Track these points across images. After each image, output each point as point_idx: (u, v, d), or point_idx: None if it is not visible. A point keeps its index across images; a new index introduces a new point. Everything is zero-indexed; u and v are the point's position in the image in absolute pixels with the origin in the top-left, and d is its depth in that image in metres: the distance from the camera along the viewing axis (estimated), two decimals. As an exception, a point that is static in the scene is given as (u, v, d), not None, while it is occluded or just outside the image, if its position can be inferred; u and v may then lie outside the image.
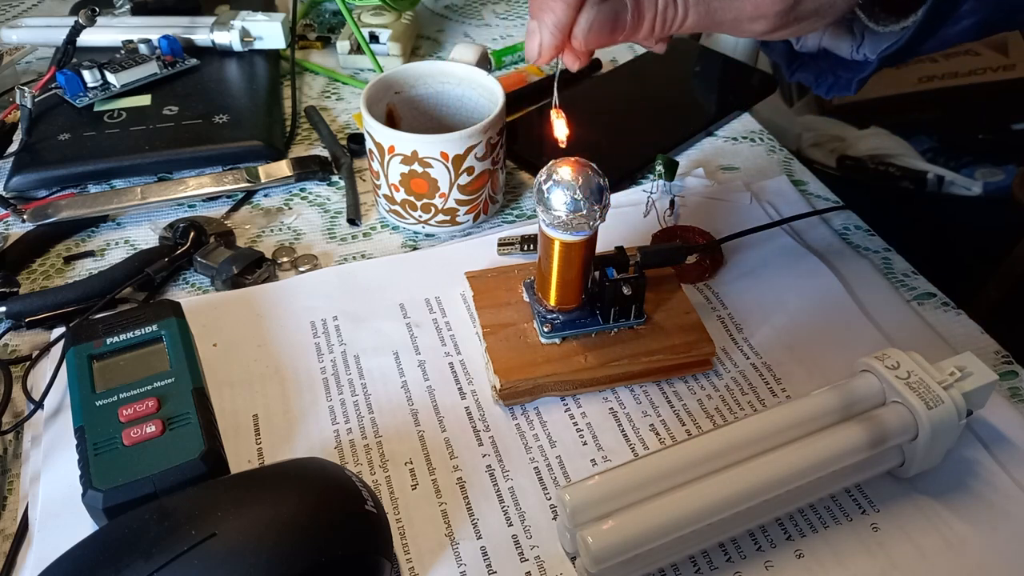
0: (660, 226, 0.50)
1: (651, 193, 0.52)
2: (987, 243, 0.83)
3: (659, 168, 0.52)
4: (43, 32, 0.66)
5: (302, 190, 0.55)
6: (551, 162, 0.37)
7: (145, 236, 0.51)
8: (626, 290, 0.39)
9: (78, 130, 0.56)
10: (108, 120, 0.58)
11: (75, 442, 0.35)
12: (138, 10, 0.70)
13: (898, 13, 0.37)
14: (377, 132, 0.47)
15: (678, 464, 0.33)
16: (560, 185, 0.35)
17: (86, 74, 0.59)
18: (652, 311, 0.42)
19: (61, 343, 0.40)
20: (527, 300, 0.42)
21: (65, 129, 0.57)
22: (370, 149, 0.49)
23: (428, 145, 0.46)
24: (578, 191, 0.35)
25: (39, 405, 0.39)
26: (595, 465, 0.38)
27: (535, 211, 0.40)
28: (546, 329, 0.40)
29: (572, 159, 0.36)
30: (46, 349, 0.43)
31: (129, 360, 0.38)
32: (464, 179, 0.48)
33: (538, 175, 0.37)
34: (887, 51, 0.38)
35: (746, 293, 0.46)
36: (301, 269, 0.48)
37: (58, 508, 0.36)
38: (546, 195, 0.36)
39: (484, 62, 0.55)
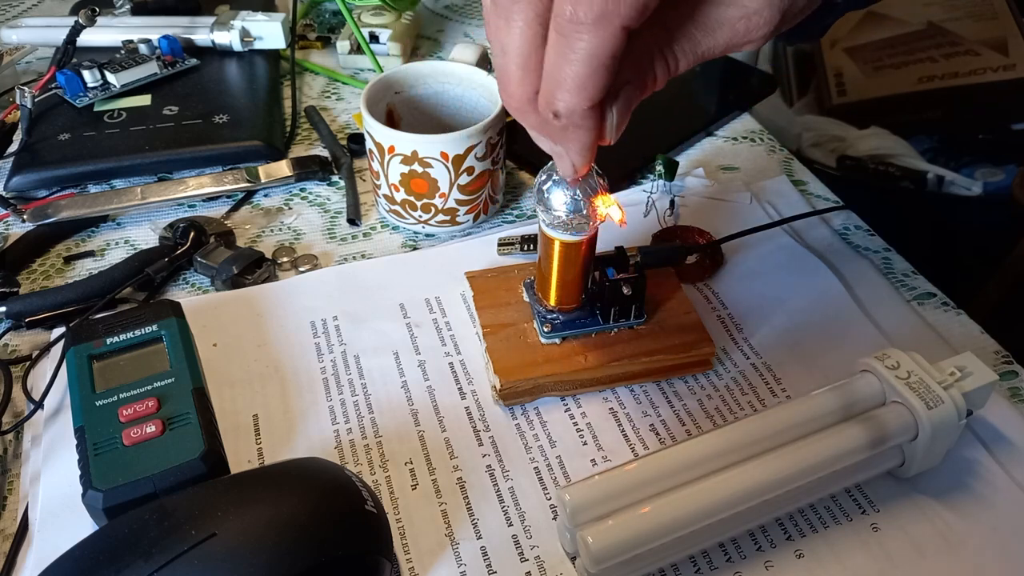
0: (660, 226, 0.50)
1: (651, 193, 0.52)
2: (987, 243, 0.83)
3: (659, 168, 0.52)
4: (43, 32, 0.66)
5: (302, 190, 0.55)
6: (551, 162, 0.36)
7: (145, 236, 0.51)
8: (626, 290, 0.39)
9: (78, 130, 0.56)
10: (108, 120, 0.58)
11: (75, 442, 0.35)
12: (138, 10, 0.70)
13: None
14: (377, 132, 0.47)
15: (678, 464, 0.33)
16: (560, 185, 0.35)
17: (86, 74, 0.59)
18: (652, 311, 0.42)
19: (61, 343, 0.40)
20: (527, 300, 0.42)
21: (65, 129, 0.57)
22: (370, 149, 0.49)
23: (428, 145, 0.46)
24: (578, 191, 0.35)
25: (39, 405, 0.39)
26: (595, 465, 0.38)
27: (535, 211, 0.40)
28: (546, 329, 0.40)
29: None
30: (46, 349, 0.43)
31: (129, 360, 0.38)
32: (464, 179, 0.48)
33: (538, 175, 0.37)
34: None
35: (746, 293, 0.46)
36: (301, 269, 0.48)
37: (58, 508, 0.36)
38: (546, 195, 0.36)
39: (484, 62, 0.55)
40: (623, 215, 0.36)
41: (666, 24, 0.30)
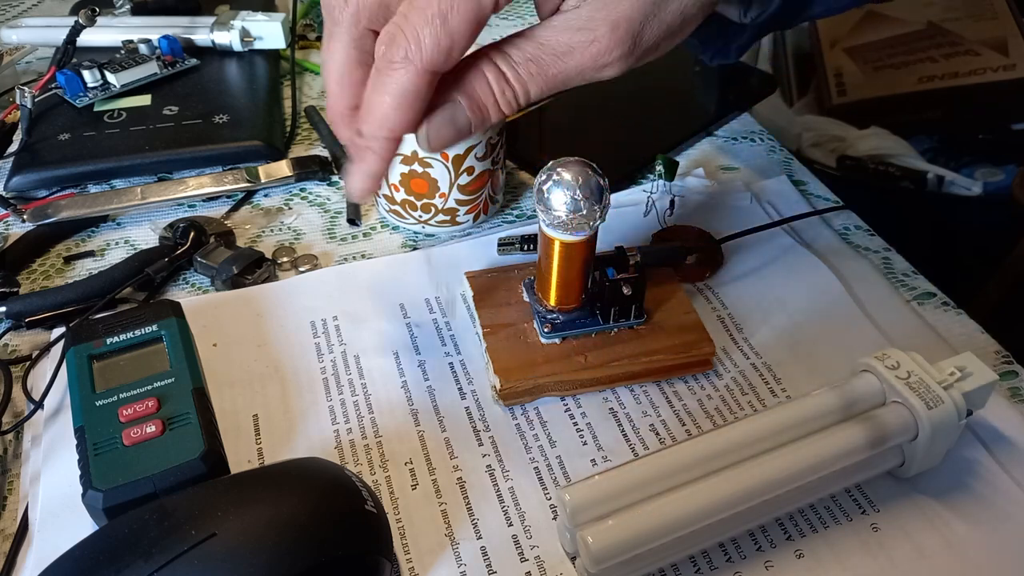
0: (660, 226, 0.50)
1: (651, 193, 0.52)
2: (987, 243, 0.83)
3: (659, 168, 0.52)
4: (43, 32, 0.66)
5: (302, 190, 0.55)
6: (551, 162, 0.37)
7: (145, 236, 0.51)
8: (626, 290, 0.39)
9: (78, 130, 0.56)
10: (108, 120, 0.58)
11: (75, 442, 0.34)
12: (138, 10, 0.70)
13: None
14: (377, 132, 0.47)
15: (678, 464, 0.33)
16: (560, 185, 0.35)
17: (86, 74, 0.59)
18: (652, 310, 0.42)
19: (61, 343, 0.40)
20: (527, 300, 0.42)
21: (65, 129, 0.57)
22: (370, 149, 0.49)
23: (428, 145, 0.46)
24: (578, 191, 0.35)
25: (39, 405, 0.39)
26: (595, 465, 0.38)
27: (535, 211, 0.40)
28: (546, 329, 0.40)
29: (572, 159, 0.36)
30: (46, 349, 0.43)
31: (129, 360, 0.38)
32: (464, 179, 0.48)
33: (538, 175, 0.37)
34: (760, 16, 0.38)
35: (746, 293, 0.46)
36: (301, 269, 0.48)
37: (58, 508, 0.36)
38: (546, 195, 0.36)
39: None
40: None
41: (507, 49, 0.31)
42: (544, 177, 0.36)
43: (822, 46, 0.99)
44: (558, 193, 0.36)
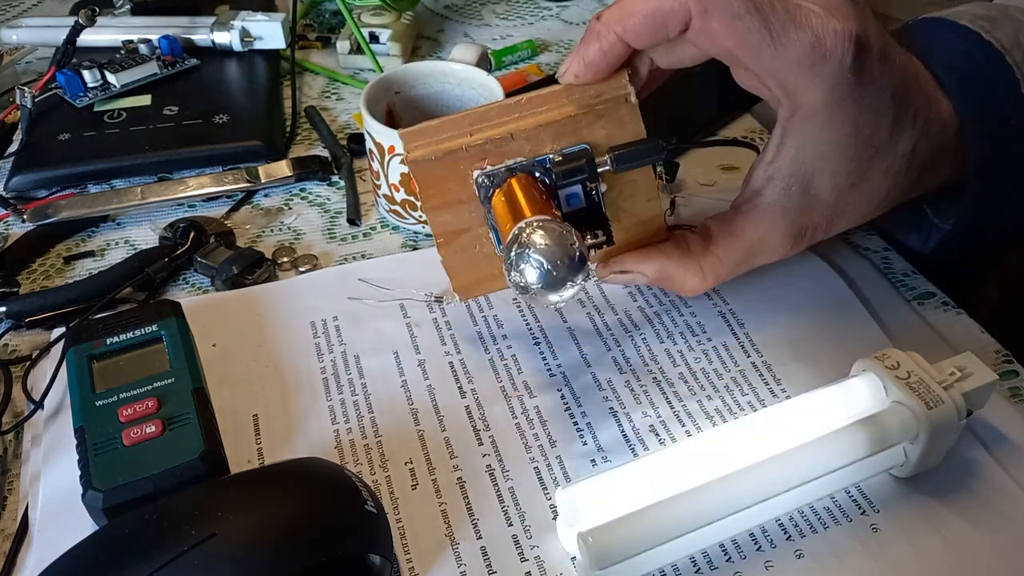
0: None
1: (651, 193, 0.52)
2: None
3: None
4: (43, 32, 0.66)
5: (302, 190, 0.55)
6: (520, 224, 0.33)
7: (145, 236, 0.51)
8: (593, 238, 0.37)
9: (78, 130, 0.56)
10: (108, 120, 0.58)
11: (75, 442, 0.34)
12: (138, 10, 0.70)
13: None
14: (377, 132, 0.47)
15: (678, 464, 0.33)
16: (528, 256, 0.31)
17: (86, 74, 0.59)
18: (616, 207, 0.39)
19: (61, 343, 0.40)
20: (476, 194, 0.37)
21: (65, 129, 0.57)
22: (370, 149, 0.49)
23: (428, 145, 0.46)
24: (556, 264, 0.31)
25: (39, 405, 0.39)
26: (595, 465, 0.38)
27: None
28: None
29: (543, 219, 0.33)
30: (46, 349, 0.43)
31: (129, 360, 0.38)
32: (464, 179, 0.48)
33: (508, 239, 0.33)
34: (932, 244, 0.43)
35: (747, 292, 0.46)
36: (301, 269, 0.48)
37: (58, 508, 0.36)
38: (515, 264, 0.32)
39: (484, 62, 0.55)
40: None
41: (710, 239, 0.39)
42: (513, 241, 0.32)
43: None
44: (528, 268, 0.32)
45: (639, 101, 0.36)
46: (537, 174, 0.36)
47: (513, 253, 0.32)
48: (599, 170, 0.36)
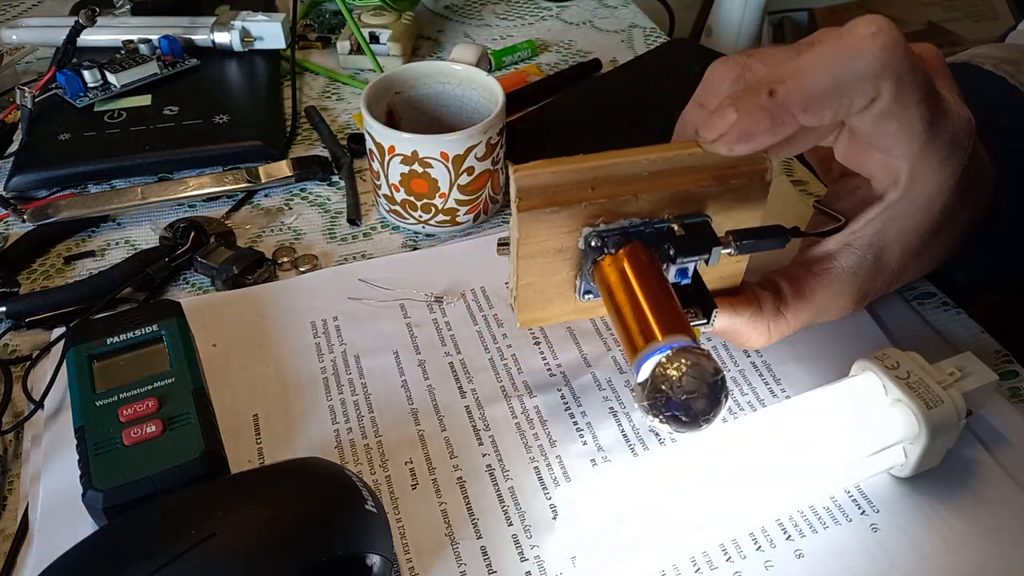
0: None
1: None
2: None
3: None
4: (43, 32, 0.66)
5: (302, 190, 0.55)
6: (660, 359, 0.29)
7: (145, 236, 0.51)
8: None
9: (78, 130, 0.56)
10: (108, 120, 0.58)
11: (75, 442, 0.35)
12: (138, 10, 0.70)
13: None
14: (377, 132, 0.47)
15: (678, 464, 0.33)
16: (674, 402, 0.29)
17: (86, 74, 0.59)
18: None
19: (61, 343, 0.40)
20: (581, 248, 0.34)
21: (65, 129, 0.57)
22: (370, 149, 0.49)
23: (428, 145, 0.46)
24: (703, 409, 0.29)
25: (39, 405, 0.39)
26: (595, 465, 0.38)
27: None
28: (587, 297, 0.36)
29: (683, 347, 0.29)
30: (46, 349, 0.43)
31: (129, 360, 0.38)
32: (464, 179, 0.48)
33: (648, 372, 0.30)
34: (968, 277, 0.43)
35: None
36: (301, 269, 0.48)
37: (58, 508, 0.36)
38: (656, 407, 0.29)
39: (484, 62, 0.55)
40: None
41: (780, 300, 0.38)
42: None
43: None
44: (673, 418, 0.29)
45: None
46: (650, 246, 0.33)
47: (647, 384, 0.29)
48: (722, 251, 0.33)
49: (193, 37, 0.65)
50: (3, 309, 0.44)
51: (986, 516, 0.35)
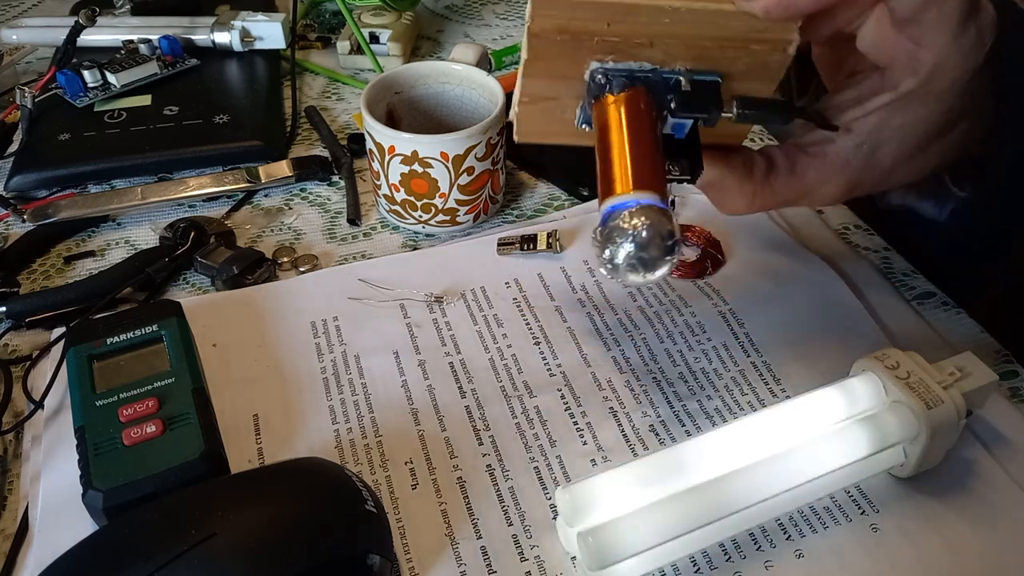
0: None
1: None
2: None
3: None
4: (43, 32, 0.66)
5: (302, 190, 0.55)
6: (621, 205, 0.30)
7: (145, 236, 0.51)
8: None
9: (78, 130, 0.57)
10: (108, 120, 0.58)
11: (75, 442, 0.35)
12: (138, 10, 0.70)
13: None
14: (377, 132, 0.47)
15: (678, 464, 0.33)
16: (623, 243, 0.29)
17: (86, 74, 0.59)
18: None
19: (61, 343, 0.40)
20: (587, 79, 0.33)
21: (65, 129, 0.57)
22: (370, 149, 0.49)
23: (428, 145, 0.46)
24: (649, 249, 0.29)
25: (39, 405, 0.39)
26: (595, 465, 0.38)
27: (535, 212, 0.37)
28: (584, 127, 0.35)
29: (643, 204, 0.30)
30: (46, 349, 0.43)
31: (129, 360, 0.38)
32: (464, 179, 0.48)
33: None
34: (946, 212, 0.42)
35: (747, 291, 0.46)
36: (301, 269, 0.48)
37: (58, 508, 0.36)
38: (608, 240, 0.30)
39: (484, 62, 0.55)
40: None
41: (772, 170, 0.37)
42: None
43: (822, 46, 0.99)
44: (619, 248, 0.29)
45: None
46: (654, 93, 0.32)
47: (606, 229, 0.30)
48: (722, 115, 0.33)
49: (193, 37, 0.65)
50: (3, 309, 0.44)
51: (986, 516, 0.35)
